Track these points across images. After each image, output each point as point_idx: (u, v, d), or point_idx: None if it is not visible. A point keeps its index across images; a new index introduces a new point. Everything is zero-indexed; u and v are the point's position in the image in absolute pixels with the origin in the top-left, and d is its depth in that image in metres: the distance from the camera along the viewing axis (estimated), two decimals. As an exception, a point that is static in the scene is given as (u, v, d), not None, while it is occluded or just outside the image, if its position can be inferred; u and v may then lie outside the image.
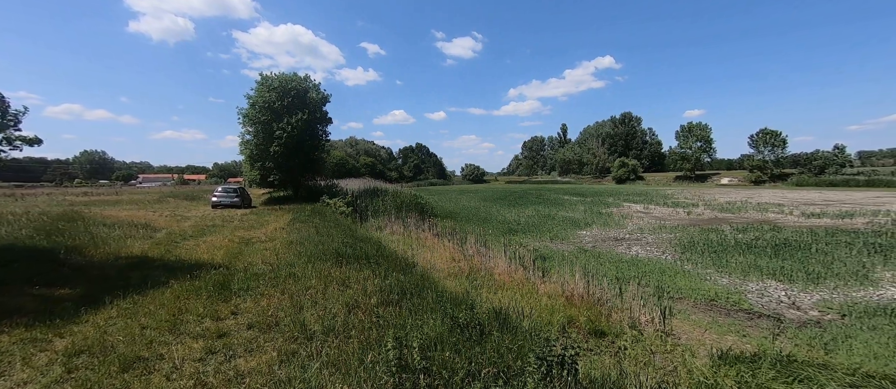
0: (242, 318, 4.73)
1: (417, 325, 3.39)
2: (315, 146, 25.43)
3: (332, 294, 4.95)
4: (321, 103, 25.19)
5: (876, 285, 7.18)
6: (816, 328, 5.42)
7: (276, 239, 10.65)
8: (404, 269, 6.31)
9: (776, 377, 3.42)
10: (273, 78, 23.63)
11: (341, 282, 5.34)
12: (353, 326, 3.78)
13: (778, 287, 7.26)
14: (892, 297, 6.52)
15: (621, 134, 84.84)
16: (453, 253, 9.69)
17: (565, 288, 6.45)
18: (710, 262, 9.17)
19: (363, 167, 77.90)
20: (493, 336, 3.12)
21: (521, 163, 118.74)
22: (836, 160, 52.92)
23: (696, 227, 14.69)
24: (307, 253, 7.46)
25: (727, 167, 73.87)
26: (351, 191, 23.15)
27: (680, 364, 3.82)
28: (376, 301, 4.49)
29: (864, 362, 4.31)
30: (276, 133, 22.07)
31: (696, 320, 5.82)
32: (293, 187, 26.43)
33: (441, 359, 2.68)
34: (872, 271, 8.02)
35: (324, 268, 6.15)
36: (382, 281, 5.13)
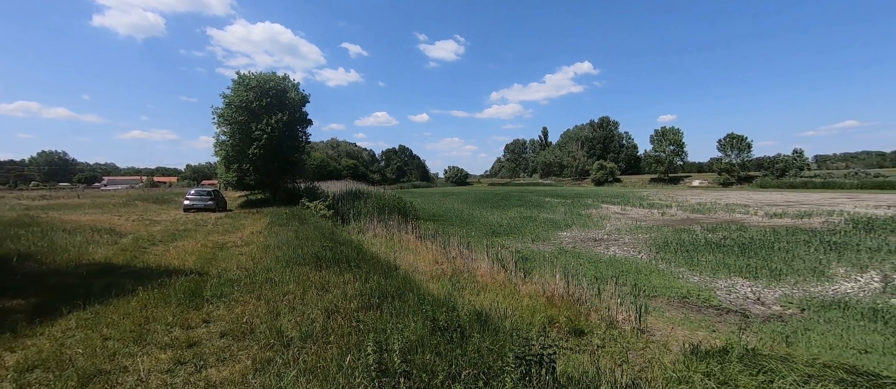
0: (215, 326, 4.53)
1: (398, 329, 3.35)
2: (295, 147, 24.83)
3: (310, 299, 4.82)
4: (301, 104, 24.65)
5: (831, 280, 7.68)
6: (779, 322, 5.73)
7: (253, 244, 10.30)
8: (386, 272, 6.24)
9: (742, 370, 3.59)
10: (251, 77, 22.93)
11: (321, 287, 5.22)
12: (332, 331, 3.69)
13: (744, 284, 7.64)
14: (845, 292, 6.99)
15: (600, 137, 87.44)
16: (436, 255, 9.67)
17: (546, 289, 6.54)
18: (683, 261, 9.55)
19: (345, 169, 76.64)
20: (473, 338, 3.13)
21: (504, 166, 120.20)
22: (796, 163, 56.52)
23: (669, 228, 15.28)
24: (285, 257, 7.24)
25: (698, 170, 77.42)
26: (332, 194, 22.70)
27: (654, 359, 3.95)
28: (357, 305, 4.41)
29: (821, 353, 4.59)
30: (254, 134, 21.40)
31: (669, 317, 6.04)
32: (271, 190, 25.68)
33: (422, 362, 2.66)
34: (828, 267, 8.58)
35: (302, 273, 5.99)
36: (363, 285, 5.05)
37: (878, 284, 7.31)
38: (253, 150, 21.41)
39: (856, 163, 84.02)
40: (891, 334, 5.17)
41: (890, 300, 6.45)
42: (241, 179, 23.15)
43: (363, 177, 71.24)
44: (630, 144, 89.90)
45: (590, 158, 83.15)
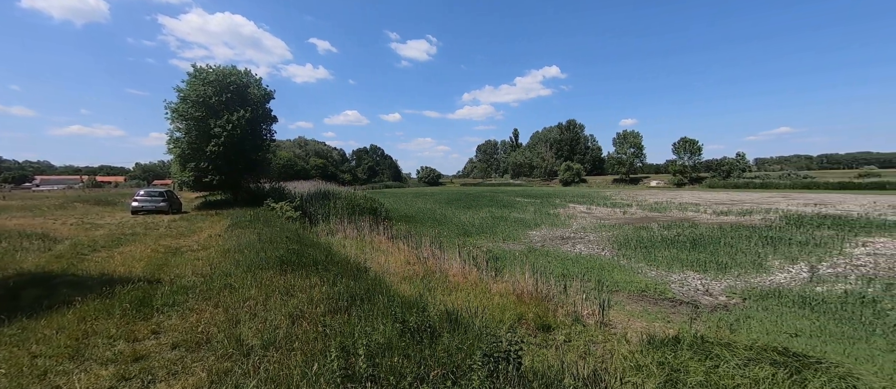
0: (166, 337, 4.20)
1: (366, 332, 3.27)
2: (258, 146, 23.61)
3: (273, 304, 4.59)
4: (265, 100, 23.48)
5: (768, 272, 8.48)
6: (724, 311, 6.24)
7: (211, 248, 9.67)
8: (355, 275, 6.08)
9: (692, 356, 3.86)
10: (209, 71, 21.52)
11: (285, 291, 4.99)
12: (296, 338, 3.54)
13: (695, 277, 8.25)
14: (779, 282, 7.75)
15: (567, 139, 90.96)
16: (408, 256, 9.59)
17: (516, 287, 6.69)
18: (642, 257, 10.15)
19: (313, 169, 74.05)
20: (443, 338, 3.13)
21: (476, 166, 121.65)
22: (739, 166, 61.99)
23: (630, 226, 16.18)
24: (247, 261, 6.86)
25: (656, 171, 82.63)
26: (299, 194, 21.85)
27: (615, 351, 4.16)
28: (324, 309, 4.26)
29: (759, 338, 5.05)
30: (212, 131, 20.09)
31: (629, 310, 6.39)
32: (233, 190, 24.26)
33: (390, 365, 2.61)
34: (765, 260, 9.46)
35: (265, 277, 5.70)
36: (331, 288, 4.89)
37: (805, 274, 8.17)
38: (211, 148, 20.10)
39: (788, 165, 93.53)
40: (816, 318, 5.79)
41: (815, 288, 7.23)
42: (198, 179, 21.64)
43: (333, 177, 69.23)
44: (595, 146, 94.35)
45: (558, 159, 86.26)
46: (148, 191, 20.23)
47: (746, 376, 3.55)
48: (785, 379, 3.42)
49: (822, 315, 5.90)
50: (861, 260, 9.29)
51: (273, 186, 27.16)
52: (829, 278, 7.84)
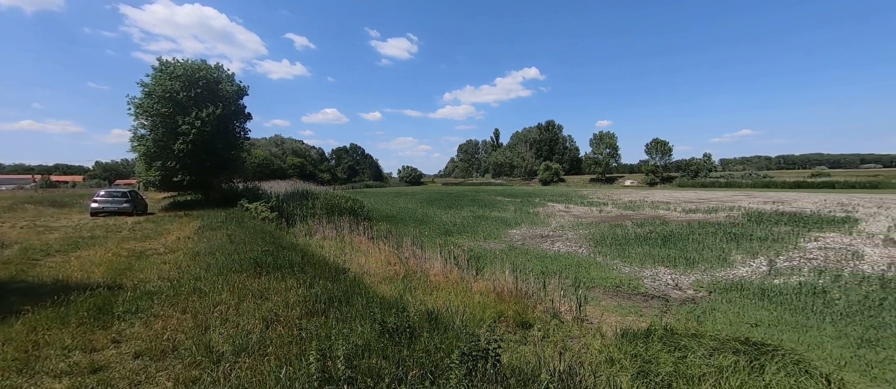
0: (128, 346, 3.95)
1: (344, 334, 3.21)
2: (231, 144, 22.70)
3: (246, 308, 4.42)
4: (237, 96, 22.59)
5: (731, 266, 8.98)
6: (692, 304, 6.55)
7: (179, 251, 9.21)
8: (334, 276, 5.96)
9: (662, 348, 4.03)
10: (176, 65, 20.47)
11: (259, 295, 4.82)
12: (270, 342, 3.42)
13: (666, 272, 8.62)
14: (741, 275, 8.22)
15: (546, 139, 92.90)
16: (389, 256, 9.48)
17: (496, 286, 6.75)
18: (617, 254, 10.50)
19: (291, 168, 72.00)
20: (422, 338, 3.11)
21: (458, 166, 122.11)
22: (706, 166, 65.41)
23: (606, 224, 16.71)
24: (218, 264, 6.58)
25: (630, 171, 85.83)
26: (276, 194, 21.17)
27: (590, 345, 4.28)
28: (300, 312, 4.14)
29: (723, 328, 5.34)
30: (180, 128, 19.13)
31: (605, 305, 6.60)
32: (204, 190, 23.21)
33: (368, 367, 2.57)
34: (729, 255, 10.01)
35: (238, 280, 5.48)
36: (308, 291, 4.76)
37: (765, 268, 8.71)
38: (179, 146, 19.13)
39: (750, 165, 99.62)
40: (773, 309, 6.18)
41: (773, 280, 7.72)
42: (165, 179, 20.56)
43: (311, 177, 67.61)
44: (572, 146, 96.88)
45: (537, 159, 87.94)
46: (109, 191, 19.03)
47: (712, 365, 3.75)
48: (745, 366, 3.63)
49: (779, 305, 6.31)
50: (813, 253, 10.01)
51: (247, 186, 26.22)
52: (786, 271, 8.39)
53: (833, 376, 3.63)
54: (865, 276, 7.74)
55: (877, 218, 16.29)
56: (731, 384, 3.41)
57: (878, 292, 6.77)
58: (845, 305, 6.18)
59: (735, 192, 41.09)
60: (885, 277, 7.62)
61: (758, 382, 3.41)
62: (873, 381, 3.98)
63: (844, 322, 5.54)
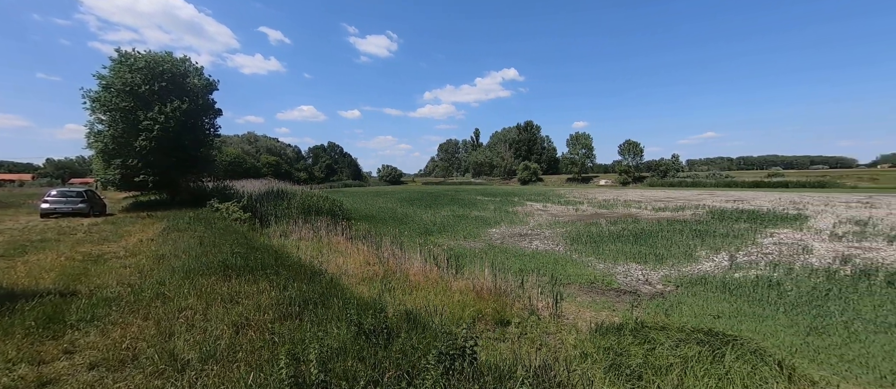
0: (82, 357, 3.68)
1: (318, 337, 3.12)
2: (200, 141, 21.62)
3: (215, 313, 4.22)
4: (206, 91, 21.53)
5: (696, 261, 9.48)
6: (661, 298, 6.86)
7: (141, 254, 8.68)
8: (310, 278, 5.79)
9: (633, 341, 4.20)
10: (137, 56, 19.26)
11: (229, 299, 4.61)
12: (240, 348, 3.28)
13: (637, 268, 8.98)
14: (706, 270, 8.70)
15: (524, 140, 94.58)
16: (367, 256, 9.35)
17: (475, 284, 6.80)
18: (591, 251, 10.83)
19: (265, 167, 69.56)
20: (400, 339, 3.08)
21: (438, 165, 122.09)
22: (674, 166, 68.77)
23: (581, 222, 17.22)
24: (184, 267, 6.24)
25: (604, 171, 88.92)
26: (249, 194, 20.35)
27: (566, 340, 4.40)
28: (273, 315, 3.99)
29: (688, 321, 5.63)
30: (143, 123, 18.01)
31: (580, 301, 6.79)
32: (170, 190, 21.98)
33: (343, 370, 2.51)
34: (695, 251, 10.57)
35: (206, 284, 5.22)
36: (281, 293, 4.60)
37: (726, 263, 9.25)
38: (141, 143, 18.01)
39: (713, 166, 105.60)
40: (734, 301, 6.58)
41: (734, 274, 8.22)
42: (126, 178, 19.29)
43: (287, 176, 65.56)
44: (550, 147, 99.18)
45: (516, 159, 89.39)
46: (62, 191, 17.65)
47: (678, 355, 3.94)
48: (708, 356, 3.84)
49: (738, 297, 6.72)
50: (769, 248, 10.74)
51: (218, 185, 25.05)
52: (745, 265, 8.95)
53: (785, 362, 3.90)
54: (814, 269, 8.38)
55: (824, 215, 17.69)
56: (696, 373, 3.60)
57: (824, 284, 7.35)
58: (796, 296, 6.67)
59: (700, 191, 43.43)
60: (830, 270, 8.28)
61: (718, 370, 3.62)
62: (819, 366, 4.32)
63: (795, 312, 5.97)
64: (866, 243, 11.10)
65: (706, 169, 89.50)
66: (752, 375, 3.57)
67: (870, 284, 7.22)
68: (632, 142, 72.39)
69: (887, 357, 4.44)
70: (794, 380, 3.55)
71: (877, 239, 11.51)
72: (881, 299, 6.41)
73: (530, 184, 73.91)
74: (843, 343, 4.83)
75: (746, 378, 3.53)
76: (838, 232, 12.82)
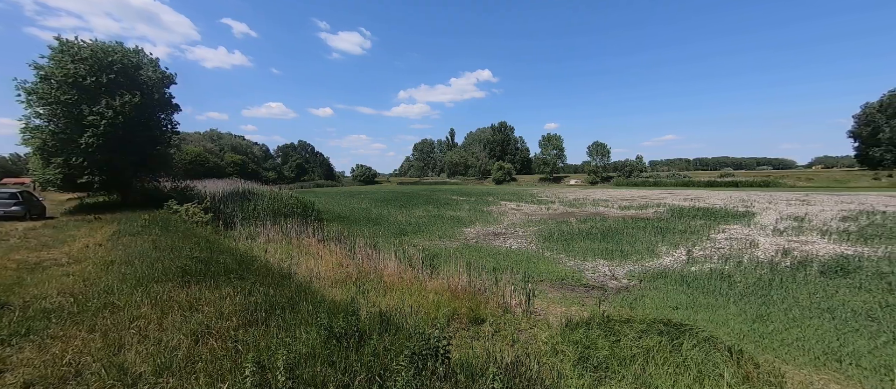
0: (14, 376, 3.31)
1: (286, 343, 3.00)
2: (155, 138, 20.16)
3: (172, 322, 3.94)
4: (162, 84, 20.09)
5: (658, 256, 10.05)
6: (626, 292, 7.21)
7: (87, 260, 7.96)
8: (278, 282, 5.56)
9: (600, 334, 4.38)
10: (81, 45, 17.65)
11: (188, 306, 4.32)
12: (200, 358, 3.08)
13: (604, 264, 9.38)
14: (666, 264, 9.24)
15: (499, 140, 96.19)
16: (340, 258, 9.13)
17: (451, 283, 6.82)
18: (562, 249, 11.19)
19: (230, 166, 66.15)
20: (372, 341, 3.03)
21: (413, 165, 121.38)
22: (638, 167, 72.60)
23: (553, 220, 17.75)
24: (137, 274, 5.78)
25: (574, 171, 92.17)
26: (212, 195, 19.23)
27: (537, 336, 4.51)
28: (237, 322, 3.79)
29: (650, 312, 5.95)
30: (88, 119, 16.52)
31: (552, 297, 6.99)
32: (122, 190, 20.33)
33: (311, 375, 2.43)
34: (656, 246, 11.20)
35: (162, 292, 4.87)
36: (246, 299, 4.38)
37: (684, 257, 9.88)
38: (87, 140, 16.50)
39: (673, 167, 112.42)
40: (690, 293, 7.04)
41: (691, 268, 8.79)
42: (69, 178, 17.60)
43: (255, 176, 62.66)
44: (523, 147, 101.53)
45: (491, 159, 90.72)
46: (-8, 192, 15.84)
47: (641, 346, 4.15)
48: (667, 345, 4.08)
49: (695, 290, 7.20)
50: (721, 243, 11.59)
51: (177, 185, 23.47)
52: (700, 259, 9.61)
53: (734, 347, 4.22)
54: (759, 261, 9.13)
55: (768, 212, 19.34)
56: (657, 361, 3.81)
57: (768, 275, 8.03)
58: (744, 287, 7.24)
59: (661, 191, 46.08)
60: (773, 262, 9.06)
61: (677, 358, 3.85)
62: (764, 350, 4.71)
63: (743, 301, 6.48)
64: (803, 237, 12.25)
65: (667, 169, 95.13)
66: (706, 361, 3.83)
67: (806, 274, 7.98)
68: (599, 143, 75.60)
69: (820, 340, 4.92)
70: (742, 364, 3.85)
71: (812, 234, 12.73)
72: (815, 287, 7.10)
73: (504, 184, 75.23)
74: (784, 329, 5.30)
75: (701, 364, 3.79)
76: (780, 228, 14.07)
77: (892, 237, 11.61)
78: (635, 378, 3.49)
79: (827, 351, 4.61)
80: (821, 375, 4.10)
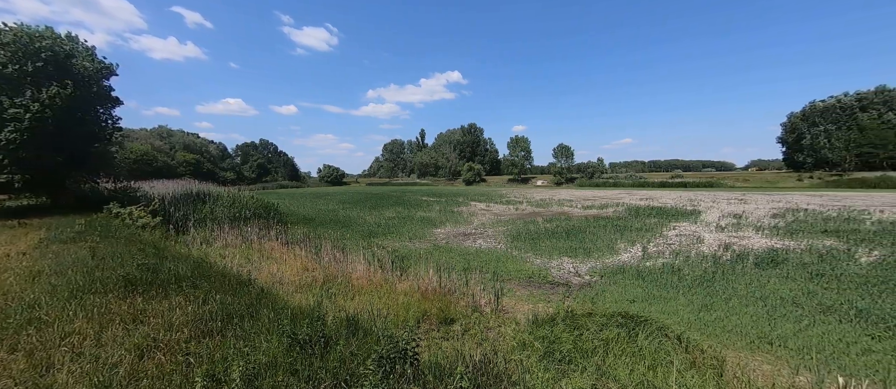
0: None
1: (244, 353, 2.83)
2: (92, 135, 18.28)
3: (112, 337, 3.58)
4: (100, 75, 18.23)
5: (617, 253, 10.65)
6: (588, 288, 7.57)
7: (9, 271, 7.02)
8: (236, 289, 5.24)
9: (564, 329, 4.56)
10: (1, 28, 15.62)
11: (131, 319, 3.95)
12: (145, 374, 2.82)
13: (569, 261, 9.79)
14: (624, 261, 9.82)
15: (469, 141, 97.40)
16: (306, 262, 8.79)
17: (420, 284, 6.79)
18: (529, 248, 11.54)
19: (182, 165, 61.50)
20: (338, 347, 2.93)
21: (383, 166, 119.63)
22: (599, 168, 76.68)
23: (521, 220, 18.24)
24: (71, 285, 5.19)
25: (541, 172, 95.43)
26: (161, 196, 17.73)
27: (505, 333, 4.61)
28: (188, 334, 3.52)
29: (610, 306, 6.29)
30: (9, 111, 14.62)
31: (520, 295, 7.18)
32: (52, 192, 18.20)
33: (272, 385, 2.31)
34: (616, 244, 11.86)
35: (101, 304, 4.41)
36: (200, 308, 4.08)
37: (640, 253, 10.56)
38: (8, 136, 14.60)
39: (630, 168, 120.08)
40: (645, 287, 7.53)
41: (646, 263, 9.41)
42: (-14, 177, 15.48)
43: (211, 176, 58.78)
44: (492, 149, 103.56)
45: (461, 160, 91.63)
46: None
47: (601, 338, 4.38)
48: (625, 337, 4.33)
49: (649, 283, 7.71)
50: (672, 239, 12.52)
51: (120, 186, 21.39)
52: (654, 255, 10.31)
53: (683, 336, 4.58)
54: (704, 256, 9.97)
55: (712, 210, 21.16)
56: (615, 352, 4.04)
57: (711, 268, 8.79)
58: (691, 279, 7.87)
59: (620, 191, 48.92)
60: (716, 256, 9.93)
61: (633, 348, 4.10)
62: (708, 336, 5.15)
63: (691, 292, 7.04)
64: (741, 233, 13.54)
65: (625, 171, 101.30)
66: (659, 350, 4.12)
67: (743, 266, 8.82)
68: (564, 146, 78.95)
69: (754, 325, 5.46)
70: (690, 351, 4.18)
71: (748, 230, 14.11)
72: (750, 278, 7.87)
73: (474, 185, 76.23)
74: (725, 317, 5.83)
75: (654, 352, 4.07)
76: (722, 225, 15.45)
77: (813, 231, 13.16)
78: (596, 369, 3.68)
79: (760, 335, 5.13)
80: (755, 357, 4.55)
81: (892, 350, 4.71)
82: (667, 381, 3.18)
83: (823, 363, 4.28)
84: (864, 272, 7.95)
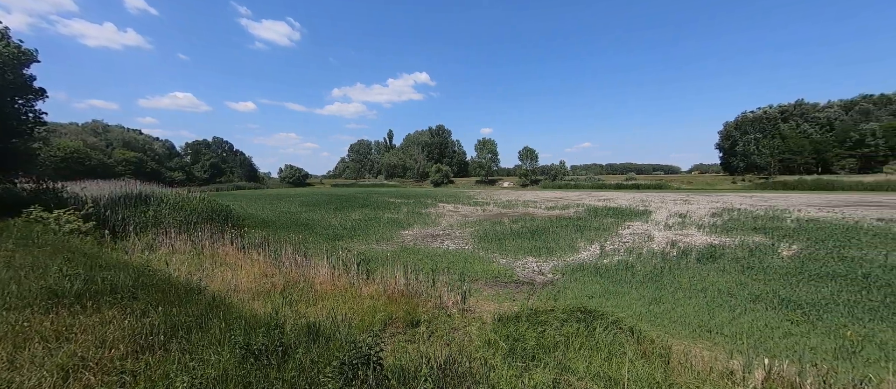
0: None
1: (190, 368, 2.61)
2: (9, 129, 16.04)
3: (31, 357, 3.15)
4: (17, 62, 16.04)
5: (577, 251, 11.18)
6: (551, 286, 7.87)
7: None
8: (183, 298, 4.82)
9: (528, 326, 4.71)
10: None
11: (55, 337, 3.49)
12: (71, 398, 2.51)
13: (533, 260, 10.11)
14: (584, 259, 10.33)
15: (437, 143, 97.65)
16: (264, 267, 8.33)
17: (387, 287, 6.69)
18: (496, 248, 11.78)
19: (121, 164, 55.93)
20: (297, 355, 2.80)
21: (349, 166, 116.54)
22: (562, 171, 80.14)
23: (488, 221, 18.58)
24: (-23, 301, 4.50)
25: (507, 174, 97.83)
26: (95, 199, 15.93)
27: (472, 333, 4.67)
28: (125, 350, 3.18)
29: (571, 302, 6.58)
30: None
31: (486, 294, 7.30)
32: (-46, 194, 15.66)
33: (223, 402, 2.15)
34: (576, 243, 12.45)
35: (16, 321, 3.86)
36: (138, 321, 3.71)
37: (598, 251, 11.16)
38: None
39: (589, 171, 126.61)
40: (602, 283, 7.97)
41: (603, 261, 9.97)
42: None
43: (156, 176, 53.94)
44: (460, 151, 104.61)
45: (429, 161, 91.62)
46: None
47: (562, 333, 4.57)
48: (584, 331, 4.55)
49: (606, 279, 8.18)
50: (626, 238, 13.38)
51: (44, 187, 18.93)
52: (611, 252, 10.95)
53: (635, 327, 4.90)
54: (654, 253, 10.75)
55: (661, 210, 22.90)
56: (574, 346, 4.23)
57: (660, 263, 9.49)
58: (643, 275, 8.45)
59: (581, 193, 51.47)
60: (664, 252, 10.74)
61: (591, 342, 4.32)
62: (657, 327, 5.55)
63: (642, 287, 7.56)
64: (685, 231, 14.77)
65: (585, 174, 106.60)
66: (614, 342, 4.37)
67: (687, 262, 9.62)
68: (529, 149, 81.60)
69: (696, 316, 5.98)
70: (640, 341, 4.48)
71: (691, 228, 15.42)
72: (693, 273, 8.60)
73: (442, 186, 76.52)
74: (671, 309, 6.32)
75: (610, 345, 4.31)
76: (669, 224, 16.76)
77: (745, 228, 14.67)
78: (557, 364, 3.82)
79: (701, 325, 5.62)
80: (697, 345, 4.97)
81: (806, 333, 5.37)
82: (620, 371, 3.39)
83: (753, 347, 4.78)
84: (785, 264, 8.99)
